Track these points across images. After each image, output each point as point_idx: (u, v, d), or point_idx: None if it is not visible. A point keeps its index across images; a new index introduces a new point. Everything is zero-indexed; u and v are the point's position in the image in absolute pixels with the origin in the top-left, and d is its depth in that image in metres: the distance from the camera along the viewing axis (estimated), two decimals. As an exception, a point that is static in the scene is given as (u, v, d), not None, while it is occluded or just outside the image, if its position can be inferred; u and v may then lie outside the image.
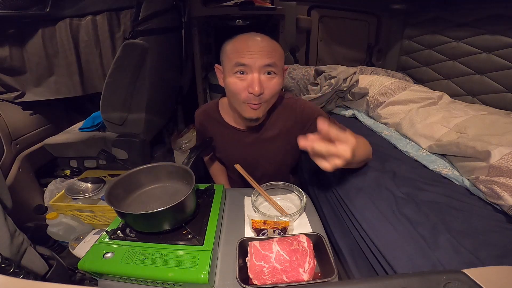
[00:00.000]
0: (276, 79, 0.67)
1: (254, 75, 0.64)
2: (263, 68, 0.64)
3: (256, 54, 0.63)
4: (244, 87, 0.65)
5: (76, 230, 1.04)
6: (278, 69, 0.67)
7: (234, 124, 0.84)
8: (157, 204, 0.58)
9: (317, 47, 1.79)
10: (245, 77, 0.65)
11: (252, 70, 0.64)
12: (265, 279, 0.51)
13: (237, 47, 0.65)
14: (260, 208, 0.74)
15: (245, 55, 0.63)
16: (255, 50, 0.63)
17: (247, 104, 0.68)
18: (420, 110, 1.02)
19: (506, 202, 0.58)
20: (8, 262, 0.45)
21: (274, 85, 0.67)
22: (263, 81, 0.65)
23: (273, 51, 0.65)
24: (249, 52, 0.63)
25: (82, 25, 1.19)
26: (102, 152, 1.22)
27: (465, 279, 0.33)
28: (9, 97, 1.20)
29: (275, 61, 0.64)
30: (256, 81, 0.63)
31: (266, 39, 0.66)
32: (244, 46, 0.64)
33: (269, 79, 0.66)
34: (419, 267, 0.48)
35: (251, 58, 0.63)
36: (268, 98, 0.68)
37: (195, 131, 1.69)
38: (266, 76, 0.65)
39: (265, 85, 0.65)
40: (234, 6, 1.42)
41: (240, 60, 0.63)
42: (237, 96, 0.67)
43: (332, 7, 1.71)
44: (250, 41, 0.64)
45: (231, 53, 0.65)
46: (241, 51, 0.64)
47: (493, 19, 1.15)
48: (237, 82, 0.66)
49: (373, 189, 0.69)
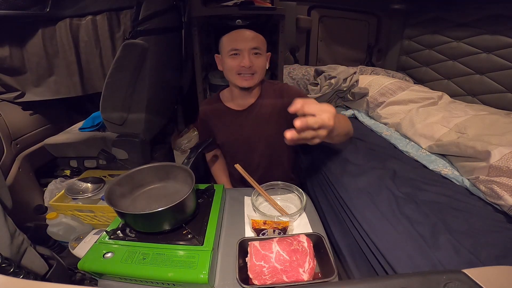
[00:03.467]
0: (261, 57, 0.88)
1: (244, 54, 0.85)
2: (251, 50, 0.85)
3: (245, 40, 0.84)
4: (237, 63, 0.86)
5: (76, 230, 1.04)
6: (262, 51, 0.88)
7: (232, 106, 0.99)
8: (157, 204, 0.58)
9: (317, 47, 1.79)
10: (237, 57, 0.86)
11: (243, 51, 0.84)
12: (265, 279, 0.51)
13: (231, 38, 0.87)
14: (260, 208, 0.74)
15: (237, 42, 0.85)
16: (244, 38, 0.85)
17: (240, 76, 0.87)
18: (420, 110, 1.02)
19: (506, 202, 0.58)
20: (8, 262, 0.45)
21: (260, 61, 0.88)
22: (252, 59, 0.86)
23: (257, 38, 0.87)
24: (240, 40, 0.85)
25: (82, 25, 1.19)
26: (102, 152, 1.22)
27: (465, 279, 0.33)
28: (9, 97, 1.20)
29: (259, 45, 0.86)
30: (246, 57, 0.84)
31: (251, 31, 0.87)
32: (235, 36, 0.86)
33: (256, 57, 0.86)
34: (419, 267, 0.48)
35: (242, 44, 0.84)
36: (257, 70, 0.87)
37: (195, 131, 1.69)
38: (253, 55, 0.86)
39: (254, 61, 0.86)
40: (234, 6, 1.41)
41: (234, 46, 0.85)
42: (233, 70, 0.87)
43: (332, 7, 1.71)
44: (240, 32, 0.86)
45: (227, 42, 0.87)
46: (234, 40, 0.85)
47: (493, 19, 1.15)
48: (232, 60, 0.86)
49: (373, 189, 0.69)
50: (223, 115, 1.00)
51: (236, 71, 0.87)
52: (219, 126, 1.02)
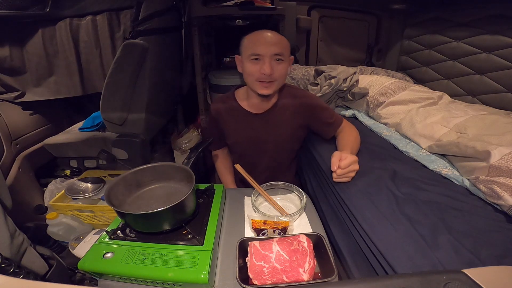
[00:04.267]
0: (283, 64, 0.84)
1: (265, 60, 0.81)
2: (273, 56, 0.81)
3: (267, 45, 0.81)
4: (258, 69, 0.82)
5: (76, 230, 1.04)
6: (285, 57, 0.84)
7: (248, 108, 0.97)
8: (157, 204, 0.58)
9: (317, 47, 1.79)
10: (258, 62, 0.82)
11: (264, 57, 0.81)
12: (265, 279, 0.51)
13: (252, 40, 0.83)
14: (260, 208, 0.74)
15: (259, 46, 0.81)
16: (267, 42, 0.81)
17: (260, 82, 0.84)
18: (420, 110, 1.02)
19: (506, 202, 0.58)
20: (8, 262, 0.45)
21: (281, 68, 0.84)
22: (273, 65, 0.82)
23: (280, 43, 0.83)
24: (262, 44, 0.81)
25: (82, 25, 1.19)
26: (102, 152, 1.22)
27: (465, 279, 0.33)
28: (9, 97, 1.20)
29: (282, 51, 0.82)
30: (267, 64, 0.81)
31: (275, 34, 0.84)
32: (257, 39, 0.82)
33: (277, 63, 0.83)
34: (419, 267, 0.48)
35: (264, 49, 0.81)
36: (277, 77, 0.84)
37: (195, 131, 1.69)
38: (275, 61, 0.83)
39: (275, 68, 0.82)
40: (234, 6, 1.41)
41: (255, 51, 0.81)
42: (252, 76, 0.84)
43: (332, 7, 1.71)
44: (263, 35, 0.83)
45: (248, 44, 0.84)
46: (256, 44, 0.82)
47: (493, 19, 1.15)
48: (252, 65, 0.83)
49: (373, 189, 0.69)
50: (237, 115, 0.98)
51: (256, 77, 0.84)
52: (231, 125, 1.00)
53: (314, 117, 0.95)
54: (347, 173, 0.72)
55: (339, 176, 0.72)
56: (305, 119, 0.96)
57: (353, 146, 0.86)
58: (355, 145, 0.88)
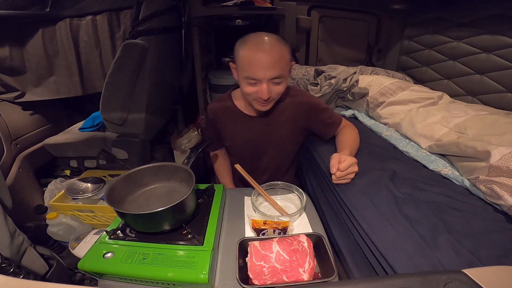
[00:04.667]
0: (282, 84, 0.78)
1: (263, 86, 0.74)
2: (271, 80, 0.74)
3: (265, 68, 0.72)
4: (255, 91, 0.76)
5: (76, 230, 1.04)
6: (284, 75, 0.77)
7: (246, 111, 0.94)
8: (157, 204, 0.58)
9: (317, 47, 1.79)
10: (255, 84, 0.76)
11: (262, 81, 0.74)
12: (265, 279, 0.51)
13: (248, 60, 0.73)
14: (260, 208, 0.74)
15: (255, 70, 0.72)
16: (264, 67, 0.72)
17: (257, 101, 0.80)
18: (420, 110, 1.02)
19: (506, 202, 0.58)
20: (8, 262, 0.45)
21: (280, 88, 0.78)
22: (271, 88, 0.76)
23: (278, 64, 0.73)
24: (259, 68, 0.72)
25: (82, 25, 1.19)
26: (102, 152, 1.22)
27: (465, 279, 0.33)
28: (9, 97, 1.20)
29: (281, 72, 0.74)
30: (265, 90, 0.74)
31: (272, 53, 0.72)
32: (254, 60, 0.72)
33: (276, 84, 0.77)
34: (419, 267, 0.48)
35: (261, 73, 0.72)
36: (275, 97, 0.81)
37: (195, 131, 1.69)
38: (273, 84, 0.76)
39: (273, 90, 0.77)
40: (234, 6, 1.41)
41: (251, 75, 0.74)
42: (249, 96, 0.80)
43: (332, 7, 1.71)
44: (259, 58, 0.71)
45: (243, 63, 0.74)
46: (252, 66, 0.72)
47: (493, 19, 1.15)
48: (249, 87, 0.77)
49: (373, 189, 0.69)
50: (234, 117, 0.95)
51: (252, 97, 0.79)
52: (228, 127, 0.98)
53: (313, 118, 0.94)
54: (346, 175, 0.72)
55: (339, 178, 0.73)
56: (304, 119, 0.94)
57: (353, 146, 0.86)
58: (354, 145, 0.88)
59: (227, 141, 1.02)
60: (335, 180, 0.74)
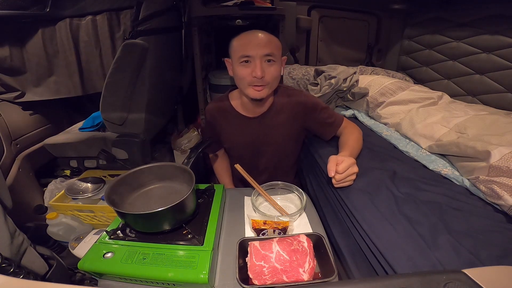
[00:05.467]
0: (275, 65, 0.80)
1: (256, 62, 0.77)
2: (264, 57, 0.77)
3: (257, 46, 0.77)
4: (249, 72, 0.79)
5: (76, 230, 1.04)
6: (276, 58, 0.80)
7: (243, 112, 0.94)
8: (157, 204, 0.58)
9: (317, 47, 1.79)
10: (249, 65, 0.79)
11: (255, 59, 0.77)
12: (265, 279, 0.51)
13: (241, 42, 0.79)
14: (260, 208, 0.74)
15: (248, 48, 0.77)
16: (256, 43, 0.77)
17: (252, 87, 0.81)
18: (420, 110, 1.02)
19: (506, 202, 0.58)
20: (8, 262, 0.45)
21: (273, 70, 0.80)
22: (264, 67, 0.78)
23: (270, 43, 0.78)
24: (251, 45, 0.77)
25: (82, 25, 1.19)
26: (102, 152, 1.22)
27: (465, 279, 0.33)
28: (9, 97, 1.20)
29: (273, 51, 0.78)
30: (258, 67, 0.77)
31: (265, 34, 0.79)
32: (247, 41, 0.78)
33: (269, 65, 0.79)
34: (419, 267, 0.48)
35: (253, 50, 0.76)
36: (270, 80, 0.80)
37: (195, 131, 1.69)
38: (266, 63, 0.79)
39: (266, 70, 0.79)
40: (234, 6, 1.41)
41: (245, 53, 0.77)
42: (244, 80, 0.81)
43: (332, 7, 1.71)
44: (252, 36, 0.79)
45: (237, 47, 0.79)
46: (245, 45, 0.78)
47: (493, 19, 1.15)
48: (243, 69, 0.79)
49: (373, 189, 0.69)
50: (232, 119, 0.95)
51: (247, 81, 0.80)
52: (226, 129, 0.98)
53: (312, 118, 0.93)
54: (346, 177, 0.69)
55: (339, 182, 0.70)
56: (303, 120, 0.94)
57: (354, 147, 0.84)
58: (356, 146, 0.86)
59: (225, 142, 1.02)
60: (336, 184, 0.71)
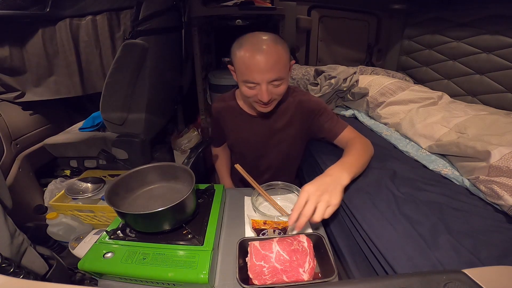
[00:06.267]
0: (282, 85, 0.75)
1: (262, 88, 0.72)
2: (270, 82, 0.72)
3: (263, 72, 0.69)
4: (254, 93, 0.75)
5: (76, 230, 1.04)
6: (284, 76, 0.73)
7: (249, 111, 0.94)
8: (157, 204, 0.58)
9: (317, 47, 1.79)
10: (254, 86, 0.73)
11: (261, 84, 0.72)
12: (265, 279, 0.51)
13: (245, 64, 0.70)
14: (260, 208, 0.74)
15: (254, 74, 0.70)
16: (262, 68, 0.69)
17: (258, 103, 0.78)
18: (420, 110, 1.02)
19: (506, 202, 0.58)
20: (8, 262, 0.45)
21: (281, 89, 0.76)
22: (271, 90, 0.74)
23: (278, 64, 0.70)
24: (257, 71, 0.69)
25: (82, 25, 1.19)
26: (102, 152, 1.22)
27: (465, 279, 0.33)
28: (9, 97, 1.20)
29: (280, 74, 0.71)
30: (264, 93, 0.72)
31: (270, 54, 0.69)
32: (251, 63, 0.69)
33: (276, 86, 0.74)
34: (419, 267, 0.48)
35: (259, 76, 0.70)
36: (277, 97, 0.78)
37: (195, 131, 1.69)
38: (273, 86, 0.73)
39: (273, 92, 0.74)
40: (234, 6, 1.42)
41: (249, 79, 0.71)
42: (249, 99, 0.79)
43: (332, 7, 1.71)
44: (257, 61, 0.68)
45: (240, 67, 0.72)
46: (250, 70, 0.70)
47: (493, 19, 1.15)
48: (248, 90, 0.75)
49: (373, 189, 0.69)
50: (237, 116, 0.96)
51: (253, 100, 0.78)
52: (231, 126, 0.99)
53: (316, 120, 0.91)
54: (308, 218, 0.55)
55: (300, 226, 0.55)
56: (306, 120, 0.93)
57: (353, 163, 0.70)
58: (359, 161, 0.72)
59: (229, 138, 1.03)
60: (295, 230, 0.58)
